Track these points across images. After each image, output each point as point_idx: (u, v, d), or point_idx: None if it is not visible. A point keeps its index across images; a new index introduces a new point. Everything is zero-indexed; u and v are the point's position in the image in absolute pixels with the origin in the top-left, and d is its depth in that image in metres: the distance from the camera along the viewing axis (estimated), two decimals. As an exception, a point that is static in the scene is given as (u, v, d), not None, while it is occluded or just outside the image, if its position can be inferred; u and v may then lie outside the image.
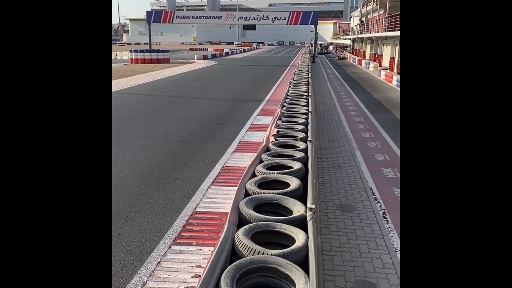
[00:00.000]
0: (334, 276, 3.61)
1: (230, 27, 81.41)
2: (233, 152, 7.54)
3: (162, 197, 5.41)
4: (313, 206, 3.01)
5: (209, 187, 5.74)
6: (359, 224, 4.63)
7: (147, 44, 38.58)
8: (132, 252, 4.02)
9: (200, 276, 3.35)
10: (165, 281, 3.51)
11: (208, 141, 8.37)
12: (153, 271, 3.67)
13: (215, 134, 8.93)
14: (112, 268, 3.73)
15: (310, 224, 2.84)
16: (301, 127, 5.95)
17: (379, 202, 5.30)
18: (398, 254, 4.00)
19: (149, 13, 36.66)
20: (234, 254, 2.67)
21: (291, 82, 12.32)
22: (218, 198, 5.31)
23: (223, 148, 7.79)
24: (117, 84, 17.60)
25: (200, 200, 5.28)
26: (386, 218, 4.82)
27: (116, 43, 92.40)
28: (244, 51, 60.62)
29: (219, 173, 6.34)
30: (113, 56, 40.64)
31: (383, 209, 5.06)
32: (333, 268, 3.74)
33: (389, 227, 4.57)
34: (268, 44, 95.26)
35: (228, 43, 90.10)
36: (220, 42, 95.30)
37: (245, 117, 10.83)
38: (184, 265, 3.75)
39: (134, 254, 3.98)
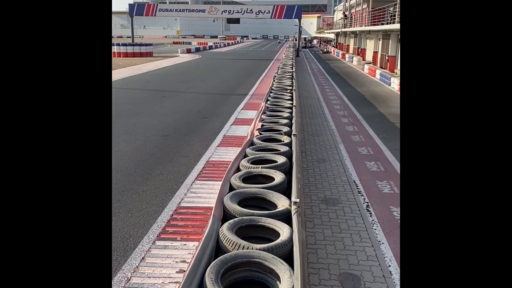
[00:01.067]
0: (318, 269, 3.63)
1: (214, 21, 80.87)
2: (217, 146, 7.51)
3: (146, 192, 5.36)
4: (298, 200, 3.02)
5: (193, 181, 5.71)
6: (343, 217, 4.67)
7: (130, 37, 38.02)
8: (115, 248, 3.97)
9: (184, 271, 3.34)
10: (149, 277, 3.48)
11: (192, 135, 8.31)
12: (137, 267, 3.63)
13: (199, 129, 8.87)
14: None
15: (294, 218, 2.85)
16: (285, 121, 5.96)
17: (362, 195, 5.36)
18: (382, 247, 4.05)
19: (131, 6, 36.10)
20: (218, 249, 2.66)
21: (275, 76, 12.31)
22: (202, 193, 5.29)
23: (208, 142, 7.76)
24: (99, 78, 17.28)
25: (185, 195, 5.25)
26: (369, 211, 4.87)
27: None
28: (228, 44, 60.31)
29: (203, 167, 6.31)
30: (95, 49, 39.87)
31: (367, 202, 5.12)
32: (318, 261, 3.76)
33: (373, 220, 4.63)
34: (252, 38, 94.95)
35: (212, 37, 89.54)
36: (204, 35, 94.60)
37: (229, 111, 10.79)
38: (168, 261, 3.72)
39: (118, 250, 3.94)
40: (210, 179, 5.76)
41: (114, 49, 30.95)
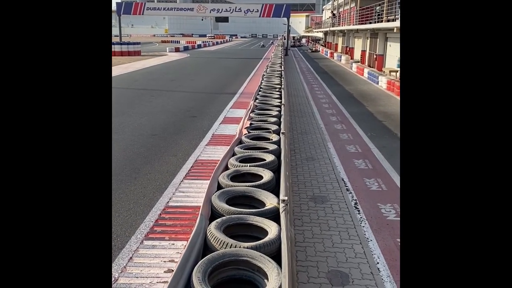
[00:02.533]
0: (307, 267, 3.64)
1: (202, 19, 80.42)
2: (206, 145, 7.48)
3: (133, 192, 5.32)
4: (286, 198, 3.02)
5: (182, 181, 5.67)
6: (332, 215, 4.69)
7: (118, 36, 37.66)
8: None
9: (173, 271, 3.32)
10: (137, 277, 3.45)
11: (180, 134, 8.27)
12: (124, 267, 3.60)
13: (188, 128, 8.83)
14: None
15: (282, 216, 2.84)
16: (274, 119, 5.96)
17: (351, 193, 5.38)
18: (370, 244, 4.08)
19: (119, 5, 35.77)
20: (206, 247, 2.65)
21: (264, 75, 12.31)
22: (191, 192, 5.26)
23: (196, 141, 7.72)
24: (86, 77, 17.12)
25: (173, 194, 5.21)
26: (357, 208, 4.89)
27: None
28: (217, 43, 60.15)
29: (192, 166, 6.28)
30: (82, 48, 39.44)
31: (355, 200, 5.14)
32: (306, 259, 3.77)
33: (361, 217, 4.65)
34: (241, 37, 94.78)
35: (200, 36, 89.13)
36: (193, 34, 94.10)
37: (218, 110, 10.76)
38: (156, 260, 3.69)
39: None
40: (199, 178, 5.73)
41: (102, 48, 30.59)
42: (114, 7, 41.99)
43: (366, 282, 3.47)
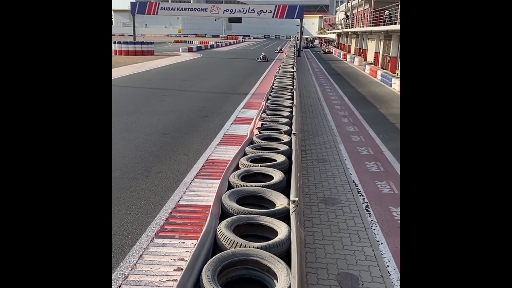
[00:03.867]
0: (316, 269, 3.62)
1: (215, 20, 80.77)
2: (217, 145, 7.50)
3: (145, 190, 5.35)
4: (296, 199, 3.00)
5: (192, 180, 5.69)
6: (342, 217, 4.66)
7: (132, 35, 38.01)
8: (113, 245, 3.96)
9: (182, 269, 3.33)
10: (147, 274, 3.47)
11: (192, 134, 8.30)
12: (135, 264, 3.62)
13: (199, 127, 8.86)
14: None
15: (293, 217, 2.83)
16: (285, 120, 5.94)
17: (362, 195, 5.34)
18: (381, 247, 4.04)
19: (133, 4, 36.08)
20: (216, 247, 2.65)
21: (276, 76, 12.29)
22: (201, 191, 5.28)
23: (207, 141, 7.74)
24: (100, 76, 17.30)
25: (184, 193, 5.23)
26: (368, 211, 4.85)
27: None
28: (230, 44, 60.29)
29: (203, 166, 6.30)
30: (96, 47, 39.85)
31: (366, 202, 5.10)
32: (316, 261, 3.75)
33: (372, 220, 4.61)
34: (254, 38, 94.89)
35: (213, 36, 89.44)
36: (206, 34, 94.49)
37: (229, 110, 10.78)
38: (166, 258, 3.71)
39: (116, 247, 3.93)
40: (209, 178, 5.74)
41: (116, 47, 30.95)
42: (128, 6, 42.37)
43: (376, 285, 3.44)
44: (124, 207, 4.82)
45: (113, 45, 31.89)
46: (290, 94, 8.59)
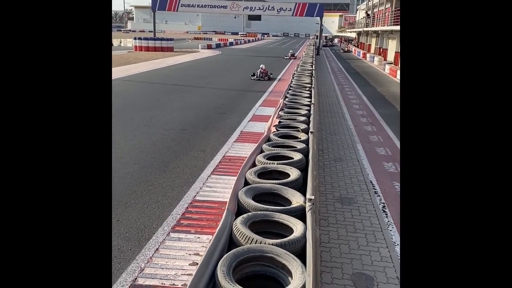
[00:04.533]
0: (331, 268, 3.61)
1: (235, 17, 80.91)
2: (234, 142, 7.52)
3: (162, 185, 5.41)
4: (313, 197, 2.99)
5: (209, 176, 5.73)
6: (358, 217, 4.63)
7: (152, 32, 38.38)
8: (130, 239, 4.02)
9: (197, 264, 3.36)
10: (162, 268, 3.51)
11: (209, 130, 8.34)
12: (151, 258, 3.67)
13: (216, 124, 8.90)
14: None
15: (309, 215, 2.82)
16: (303, 118, 5.92)
17: (379, 195, 5.29)
18: (397, 249, 4.00)
19: (154, 1, 36.37)
20: (231, 242, 2.66)
21: (294, 74, 12.26)
22: (218, 187, 5.30)
23: (225, 137, 7.77)
24: (120, 71, 17.55)
25: (200, 188, 5.27)
26: (385, 212, 4.81)
27: (121, 30, 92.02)
28: (249, 41, 60.31)
29: (219, 162, 6.33)
30: (117, 43, 40.44)
31: (383, 203, 5.05)
32: (331, 260, 3.73)
33: (388, 221, 4.56)
34: (273, 35, 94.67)
35: (232, 33, 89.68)
36: (225, 32, 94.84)
37: (247, 107, 10.79)
38: (182, 253, 3.75)
39: (133, 241, 3.99)
40: (226, 174, 5.77)
41: (136, 43, 31.34)
42: (149, 3, 42.75)
43: (391, 286, 3.40)
44: (141, 201, 4.88)
45: (133, 41, 32.27)
46: (308, 92, 8.55)
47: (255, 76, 16.83)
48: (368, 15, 37.90)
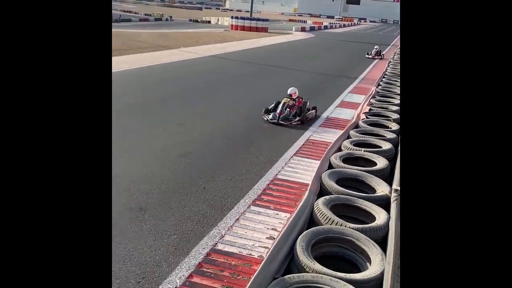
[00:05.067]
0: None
1: (333, 0, 78.90)
2: (319, 126, 7.47)
3: (246, 160, 5.60)
4: (399, 188, 2.91)
5: (291, 156, 5.79)
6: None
7: (248, 11, 39.05)
8: (214, 206, 4.25)
9: (274, 238, 3.46)
10: (241, 237, 3.67)
11: (296, 112, 8.36)
12: (231, 226, 3.85)
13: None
14: (194, 218, 3.99)
15: (393, 206, 2.76)
16: (395, 108, 5.69)
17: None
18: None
19: (253, -19, 36.89)
20: (311, 221, 2.71)
21: (390, 61, 11.72)
22: (299, 169, 5.34)
23: (310, 121, 7.75)
24: (215, 49, 18.20)
25: (282, 168, 5.36)
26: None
27: (219, 9, 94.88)
28: (344, 26, 58.59)
29: (303, 144, 6.35)
30: (214, 21, 41.79)
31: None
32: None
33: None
34: (370, 21, 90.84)
35: (328, 17, 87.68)
36: (320, 15, 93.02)
37: (336, 93, 10.60)
38: (260, 226, 3.88)
39: (216, 208, 4.21)
40: (308, 157, 5.78)
41: (233, 21, 32.19)
42: (248, -17, 43.26)
43: None
44: (226, 173, 5.10)
45: (230, 19, 33.12)
46: (403, 82, 8.15)
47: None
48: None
